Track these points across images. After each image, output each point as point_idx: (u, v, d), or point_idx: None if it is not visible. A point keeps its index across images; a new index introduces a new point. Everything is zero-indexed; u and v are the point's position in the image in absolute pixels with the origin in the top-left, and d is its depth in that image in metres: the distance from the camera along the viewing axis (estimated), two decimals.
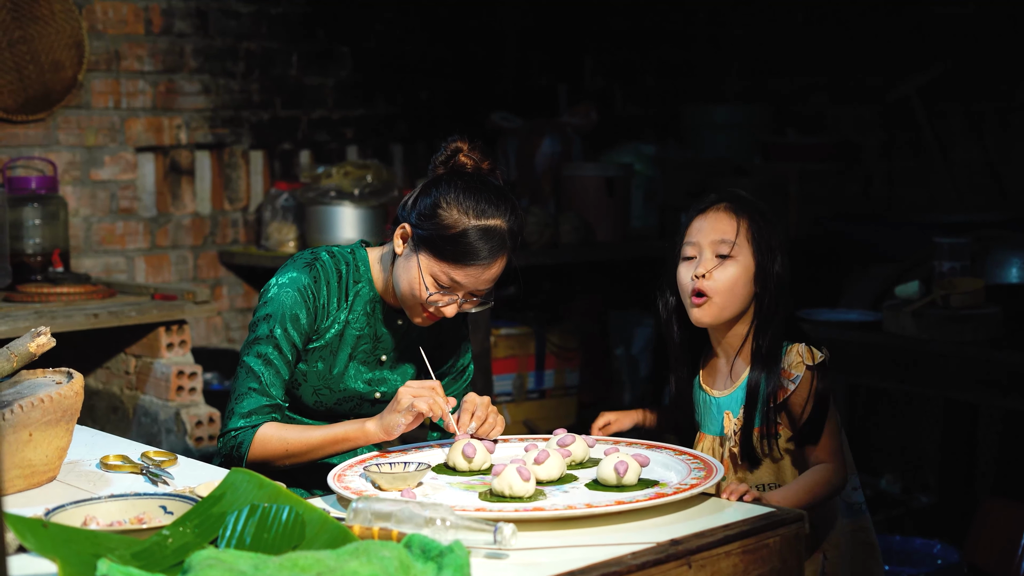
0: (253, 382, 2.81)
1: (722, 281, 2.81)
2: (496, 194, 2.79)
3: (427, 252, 2.76)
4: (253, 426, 2.79)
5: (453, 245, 2.73)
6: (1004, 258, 4.47)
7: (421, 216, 2.78)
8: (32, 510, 2.17)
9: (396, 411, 2.66)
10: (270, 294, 2.85)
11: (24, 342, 2.60)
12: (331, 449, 2.77)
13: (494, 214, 2.76)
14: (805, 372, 2.79)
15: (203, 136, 5.36)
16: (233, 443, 2.78)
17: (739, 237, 2.82)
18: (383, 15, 5.90)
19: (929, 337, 4.13)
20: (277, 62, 5.57)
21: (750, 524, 2.30)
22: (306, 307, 2.84)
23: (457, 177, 2.80)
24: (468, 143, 2.87)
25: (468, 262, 2.74)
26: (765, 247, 2.81)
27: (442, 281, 2.77)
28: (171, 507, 2.21)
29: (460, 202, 2.75)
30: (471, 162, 2.86)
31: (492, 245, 2.75)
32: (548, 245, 5.40)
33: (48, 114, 4.91)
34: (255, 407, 2.80)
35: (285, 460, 2.78)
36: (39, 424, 2.42)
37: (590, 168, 5.67)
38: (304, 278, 2.85)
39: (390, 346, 2.96)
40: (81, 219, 5.04)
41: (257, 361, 2.82)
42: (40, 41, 4.83)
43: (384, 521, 2.08)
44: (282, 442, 2.76)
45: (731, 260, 2.81)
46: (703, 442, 2.91)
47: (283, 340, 2.82)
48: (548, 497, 2.40)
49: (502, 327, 5.58)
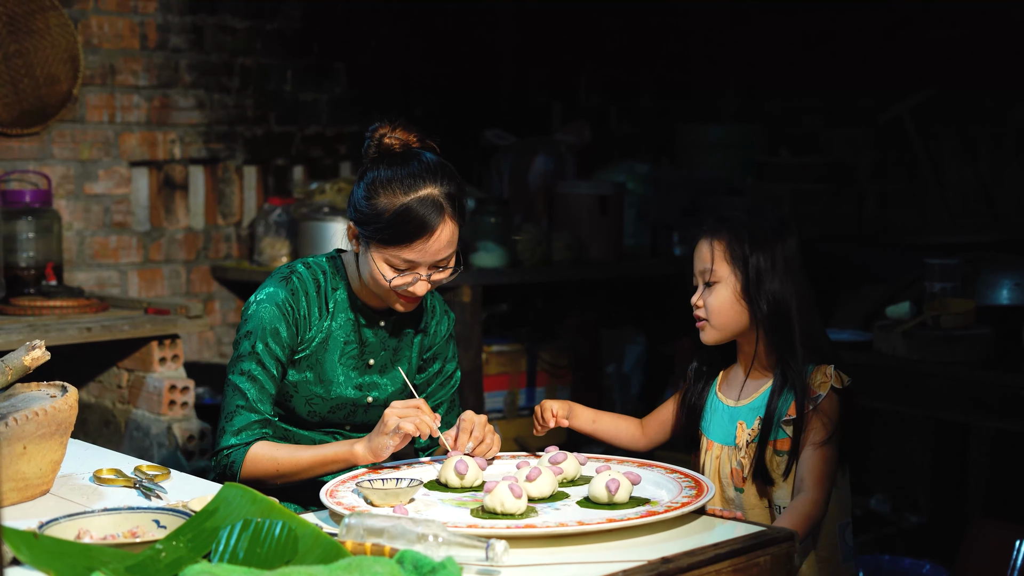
0: (240, 399, 2.82)
1: (711, 306, 2.87)
2: (422, 165, 2.79)
3: (374, 242, 2.78)
4: (245, 444, 2.80)
5: (392, 228, 2.75)
6: (995, 279, 4.48)
7: (358, 210, 2.80)
8: (26, 523, 2.17)
9: (383, 433, 2.66)
10: (250, 311, 2.86)
11: (19, 355, 2.61)
12: (320, 470, 2.78)
13: (424, 184, 2.76)
14: (829, 393, 2.80)
15: (197, 151, 5.37)
16: (226, 462, 2.80)
17: (715, 262, 2.86)
18: (378, 31, 5.92)
19: (920, 358, 4.14)
20: (272, 78, 5.59)
21: (741, 543, 2.30)
22: (285, 320, 2.85)
23: (382, 161, 2.81)
24: (390, 125, 2.86)
25: (412, 239, 2.75)
26: (748, 264, 2.83)
27: (397, 265, 2.78)
28: (164, 521, 2.22)
29: (387, 184, 2.77)
30: (397, 142, 2.84)
31: (430, 215, 2.75)
32: (541, 263, 5.41)
33: (43, 128, 4.92)
34: (244, 424, 2.81)
35: (276, 479, 2.79)
36: (33, 437, 2.42)
37: (584, 186, 5.68)
38: (281, 292, 2.86)
39: (377, 349, 2.96)
40: (75, 233, 5.05)
41: (242, 378, 2.83)
42: (35, 55, 4.84)
43: (377, 537, 2.09)
44: (272, 462, 2.78)
45: (715, 285, 2.86)
46: (711, 450, 2.92)
47: (265, 355, 2.83)
48: (540, 514, 2.41)
49: (494, 344, 5.58)
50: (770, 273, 2.83)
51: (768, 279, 2.83)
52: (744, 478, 2.85)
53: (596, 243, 5.59)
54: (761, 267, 2.83)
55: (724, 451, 2.90)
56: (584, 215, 5.59)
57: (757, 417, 2.85)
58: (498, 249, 5.28)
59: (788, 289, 2.83)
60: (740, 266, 2.84)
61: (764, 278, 2.83)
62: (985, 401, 4.01)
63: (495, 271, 5.28)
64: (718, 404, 2.94)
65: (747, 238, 2.84)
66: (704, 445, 2.94)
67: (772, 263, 2.83)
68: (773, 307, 2.83)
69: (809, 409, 2.80)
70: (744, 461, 2.85)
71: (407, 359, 3.01)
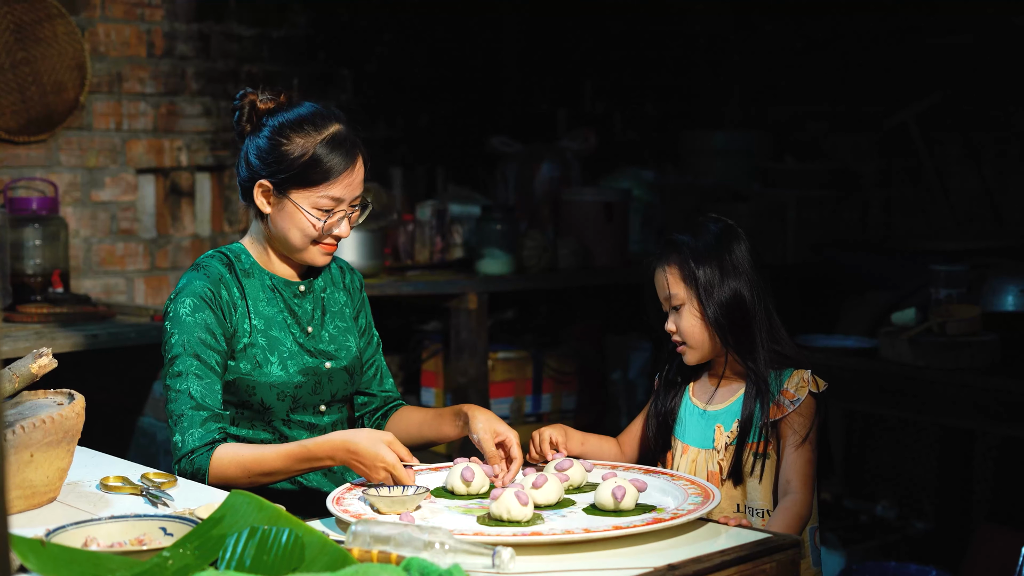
0: (185, 400, 2.76)
1: (683, 329, 2.92)
2: (316, 109, 2.86)
3: (296, 188, 2.80)
4: (205, 445, 2.73)
5: (315, 166, 2.79)
6: (1001, 285, 4.48)
7: (268, 164, 2.82)
8: (33, 531, 2.18)
9: (367, 468, 2.61)
10: (169, 313, 2.82)
11: (26, 363, 2.61)
12: (295, 466, 2.69)
13: (331, 122, 2.84)
14: (807, 398, 2.84)
15: (204, 158, 5.38)
16: (191, 468, 2.73)
17: (671, 287, 2.92)
18: (384, 39, 5.93)
19: (925, 364, 4.14)
20: (278, 85, 5.58)
21: (746, 550, 2.31)
22: (210, 307, 2.81)
23: (274, 113, 2.85)
24: (256, 91, 2.91)
25: (336, 174, 2.80)
26: (699, 281, 2.88)
27: (325, 205, 2.81)
28: (171, 528, 2.22)
29: (296, 128, 2.81)
30: (272, 103, 2.89)
31: (346, 149, 2.82)
32: (546, 269, 5.42)
33: (50, 135, 4.93)
34: (197, 422, 2.74)
35: (247, 481, 2.71)
36: (40, 445, 2.43)
37: (589, 193, 5.68)
38: (197, 282, 2.83)
39: (307, 317, 2.94)
40: (81, 240, 5.06)
41: (179, 379, 2.77)
42: (43, 63, 4.85)
43: (383, 544, 2.09)
44: (239, 465, 2.70)
45: (680, 309, 2.92)
46: (687, 453, 2.93)
47: (200, 347, 2.78)
48: (546, 521, 2.41)
49: (499, 351, 5.59)
50: (719, 283, 2.88)
51: (717, 289, 2.88)
52: (722, 480, 2.88)
53: (601, 250, 5.60)
54: (710, 279, 2.88)
55: (701, 454, 2.92)
56: (589, 222, 5.60)
57: (736, 420, 2.88)
58: (504, 256, 5.29)
59: (739, 295, 2.88)
60: (692, 284, 2.89)
61: (714, 289, 2.88)
62: (991, 408, 4.01)
63: (501, 278, 5.28)
64: (693, 408, 2.97)
65: (690, 255, 2.89)
66: (679, 449, 2.96)
67: (719, 273, 2.88)
68: (727, 315, 2.87)
69: (787, 412, 2.83)
70: (722, 463, 2.88)
71: (339, 315, 3.00)
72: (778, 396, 2.85)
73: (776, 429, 2.85)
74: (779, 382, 2.87)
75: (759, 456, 2.85)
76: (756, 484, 2.85)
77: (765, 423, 2.84)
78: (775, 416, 2.84)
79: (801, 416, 2.84)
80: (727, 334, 2.88)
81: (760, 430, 2.85)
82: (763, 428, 2.84)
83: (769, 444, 2.85)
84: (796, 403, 2.83)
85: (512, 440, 2.75)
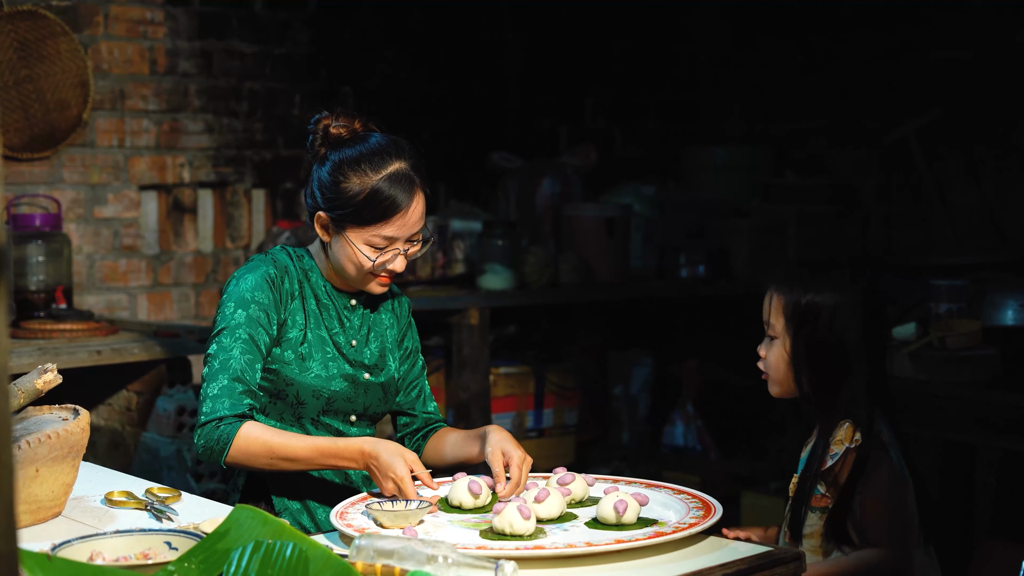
0: (225, 370, 2.76)
1: (769, 362, 2.86)
2: (382, 143, 2.85)
3: (351, 226, 2.81)
4: (235, 415, 2.72)
5: (370, 208, 2.78)
6: (1001, 300, 4.49)
7: (328, 198, 2.82)
8: (38, 545, 2.19)
9: (382, 473, 2.64)
10: (230, 287, 2.84)
11: (31, 379, 2.62)
12: (318, 460, 2.70)
13: (390, 161, 2.82)
14: (844, 451, 2.79)
15: (206, 175, 5.40)
16: (215, 434, 2.69)
17: (772, 316, 2.84)
18: (385, 56, 5.95)
19: (926, 378, 4.14)
20: (280, 102, 5.62)
21: (747, 563, 2.31)
22: (271, 290, 2.82)
23: (339, 147, 2.85)
24: (331, 115, 2.90)
25: (390, 215, 2.79)
26: (799, 321, 2.79)
27: (378, 244, 2.81)
28: (176, 543, 2.23)
29: (355, 165, 2.81)
30: (344, 130, 2.89)
31: (403, 188, 2.80)
32: (548, 285, 5.43)
33: (53, 152, 4.95)
34: (232, 393, 2.74)
35: (267, 464, 2.71)
36: (45, 460, 2.44)
37: (590, 208, 5.70)
38: (263, 267, 2.85)
39: (354, 332, 2.96)
40: (84, 256, 5.07)
41: (224, 350, 2.77)
42: (46, 80, 4.87)
43: (386, 558, 2.10)
44: (265, 445, 2.69)
45: (775, 340, 2.85)
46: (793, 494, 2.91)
47: (251, 324, 2.79)
48: (548, 535, 2.42)
49: (501, 366, 5.60)
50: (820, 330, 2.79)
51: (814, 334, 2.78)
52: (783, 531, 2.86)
53: (603, 265, 5.61)
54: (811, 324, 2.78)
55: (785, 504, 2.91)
56: (591, 237, 5.61)
57: (797, 473, 2.86)
58: (505, 271, 5.30)
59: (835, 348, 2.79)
60: (791, 323, 2.80)
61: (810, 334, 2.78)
62: (992, 421, 4.01)
63: (502, 293, 5.30)
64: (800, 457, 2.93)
65: (802, 292, 2.79)
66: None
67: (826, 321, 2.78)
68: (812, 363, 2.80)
69: (827, 465, 2.78)
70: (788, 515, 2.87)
71: (382, 336, 3.02)
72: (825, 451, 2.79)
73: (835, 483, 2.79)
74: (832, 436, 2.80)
75: (815, 511, 2.81)
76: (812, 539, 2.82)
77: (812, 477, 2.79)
78: (822, 469, 2.79)
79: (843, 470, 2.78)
80: (804, 380, 2.80)
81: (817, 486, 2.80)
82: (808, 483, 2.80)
83: (826, 498, 2.81)
84: (834, 458, 2.78)
85: (515, 461, 2.72)
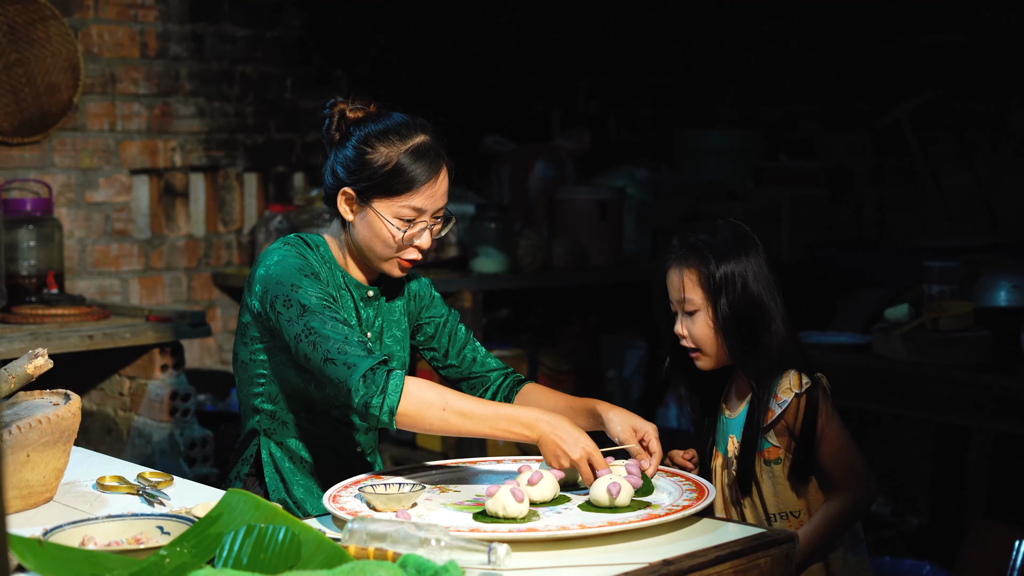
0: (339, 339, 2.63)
1: (697, 336, 2.86)
2: (406, 118, 2.86)
3: (379, 197, 2.78)
4: (392, 368, 2.60)
5: (398, 176, 2.77)
6: (993, 282, 4.49)
7: (352, 172, 2.80)
8: (30, 530, 2.18)
9: (561, 450, 2.57)
10: (271, 272, 2.75)
11: (22, 364, 2.62)
12: (490, 422, 2.60)
13: (414, 134, 2.82)
14: (792, 399, 2.81)
15: (198, 159, 5.38)
16: (376, 385, 2.56)
17: (686, 291, 2.85)
18: (378, 40, 5.93)
19: (919, 360, 4.15)
20: (272, 86, 5.60)
21: (741, 544, 2.31)
22: (311, 268, 2.77)
23: (362, 123, 2.84)
24: (346, 100, 2.90)
25: (419, 184, 2.78)
26: (714, 286, 2.81)
27: (407, 215, 2.79)
28: (168, 527, 2.23)
29: (383, 136, 2.80)
30: (361, 112, 2.89)
31: (430, 160, 2.80)
32: (541, 268, 5.43)
33: (44, 136, 4.94)
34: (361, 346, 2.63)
35: (436, 421, 2.60)
36: (37, 445, 2.43)
37: (583, 192, 5.69)
38: (292, 251, 2.79)
39: (370, 321, 2.93)
40: (76, 241, 5.06)
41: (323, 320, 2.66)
42: (36, 64, 4.85)
43: (379, 541, 2.10)
44: (439, 396, 2.58)
45: (695, 313, 2.85)
46: (716, 459, 2.94)
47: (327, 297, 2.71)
48: (542, 518, 2.42)
49: (495, 349, 5.59)
50: (739, 293, 2.81)
51: (736, 299, 2.81)
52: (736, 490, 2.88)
53: (596, 249, 5.61)
54: (731, 288, 2.81)
55: (721, 462, 2.92)
56: (584, 221, 5.61)
57: (741, 428, 2.86)
58: (498, 255, 5.30)
59: (757, 306, 2.82)
60: (708, 290, 2.82)
61: (732, 298, 2.81)
62: (984, 403, 4.02)
63: (495, 276, 5.29)
64: (720, 416, 2.96)
65: (712, 260, 2.81)
66: (714, 455, 2.96)
67: (741, 283, 2.81)
68: (740, 326, 2.82)
69: (775, 415, 2.81)
70: (734, 473, 2.88)
71: (396, 324, 2.99)
72: (771, 401, 2.82)
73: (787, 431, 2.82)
74: (775, 387, 2.83)
75: (769, 463, 2.84)
76: (771, 492, 2.84)
77: (766, 428, 2.82)
78: (768, 421, 2.82)
79: (792, 421, 2.81)
80: (735, 344, 2.82)
81: (765, 439, 2.83)
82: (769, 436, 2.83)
83: (777, 447, 2.84)
84: (782, 406, 2.80)
85: (651, 434, 2.72)
